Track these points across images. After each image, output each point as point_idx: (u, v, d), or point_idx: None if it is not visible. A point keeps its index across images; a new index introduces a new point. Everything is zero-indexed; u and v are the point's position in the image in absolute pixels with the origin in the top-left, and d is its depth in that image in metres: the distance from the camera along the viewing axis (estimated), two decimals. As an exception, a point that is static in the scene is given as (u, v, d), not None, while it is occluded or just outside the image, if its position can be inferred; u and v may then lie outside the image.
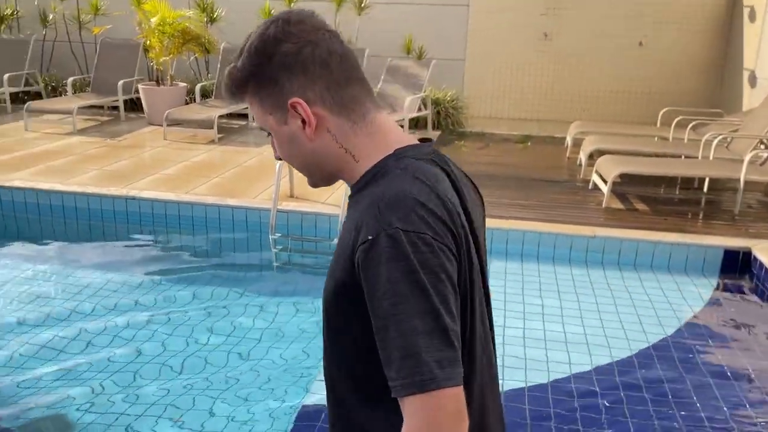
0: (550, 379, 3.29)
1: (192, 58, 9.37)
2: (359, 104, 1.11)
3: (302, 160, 1.16)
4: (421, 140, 1.18)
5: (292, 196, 5.51)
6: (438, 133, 8.64)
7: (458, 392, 0.95)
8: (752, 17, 8.39)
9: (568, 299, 4.22)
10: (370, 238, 0.99)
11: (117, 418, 2.92)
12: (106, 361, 3.37)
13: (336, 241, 3.24)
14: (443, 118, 8.83)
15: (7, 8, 9.93)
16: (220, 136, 7.80)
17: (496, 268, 4.55)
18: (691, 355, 3.58)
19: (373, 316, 1.00)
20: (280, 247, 5.09)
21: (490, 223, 1.54)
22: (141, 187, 5.67)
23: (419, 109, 8.47)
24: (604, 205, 5.53)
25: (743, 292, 4.48)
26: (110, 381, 3.19)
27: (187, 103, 8.80)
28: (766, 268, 4.38)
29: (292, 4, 9.20)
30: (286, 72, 1.07)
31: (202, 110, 8.08)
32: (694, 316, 4.05)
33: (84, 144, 7.36)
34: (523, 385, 3.23)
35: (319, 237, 5.13)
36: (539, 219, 5.17)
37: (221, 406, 3.05)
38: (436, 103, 8.81)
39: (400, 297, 0.96)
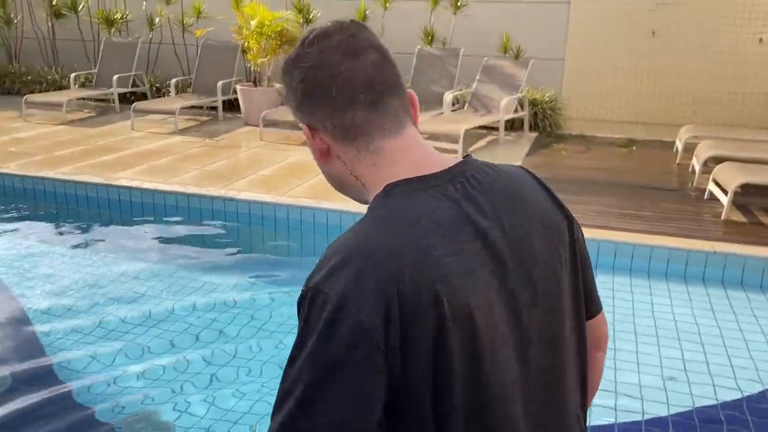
0: (670, 413, 3.00)
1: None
2: (361, 132, 1.02)
3: (329, 180, 1.12)
4: (462, 161, 1.05)
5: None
6: (535, 134, 8.31)
7: None
8: None
9: (684, 320, 3.88)
10: (304, 291, 0.94)
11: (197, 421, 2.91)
12: (184, 362, 3.39)
13: None
14: (540, 119, 8.49)
15: (117, 12, 10.43)
16: (314, 137, 7.82)
17: (601, 283, 4.25)
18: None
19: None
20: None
21: (593, 233, 1.34)
22: (239, 188, 5.74)
23: (515, 111, 8.18)
24: (723, 218, 5.08)
25: None
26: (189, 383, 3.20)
27: (282, 105, 8.90)
28: None
29: (388, 4, 9.14)
30: (298, 96, 1.05)
31: (297, 111, 8.13)
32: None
33: (185, 143, 7.58)
34: (639, 418, 2.96)
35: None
36: (649, 231, 4.81)
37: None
38: (533, 104, 8.48)
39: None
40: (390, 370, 0.88)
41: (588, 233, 1.39)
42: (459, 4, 8.94)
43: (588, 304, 1.15)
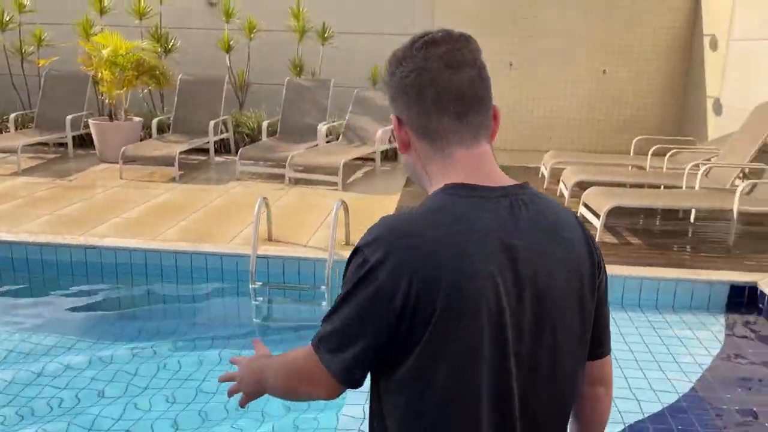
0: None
1: (145, 91, 8.87)
2: (441, 137, 1.15)
3: (404, 165, 1.27)
4: (519, 185, 1.17)
5: (270, 239, 5.11)
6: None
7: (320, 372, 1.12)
8: (714, 46, 8.52)
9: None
10: (358, 247, 1.12)
11: None
12: (65, 424, 2.90)
13: (323, 288, 3.60)
14: (413, 149, 8.56)
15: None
16: (181, 173, 7.31)
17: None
18: (723, 406, 3.34)
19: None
20: (261, 298, 4.65)
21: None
22: (101, 234, 5.15)
23: (390, 141, 8.20)
24: (597, 240, 5.33)
25: (754, 329, 4.31)
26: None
27: (142, 139, 8.28)
28: (775, 303, 4.24)
29: (252, 34, 8.87)
30: (395, 90, 1.18)
31: (161, 146, 7.58)
32: (717, 358, 3.84)
33: (31, 185, 6.76)
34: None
35: (303, 284, 4.74)
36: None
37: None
38: (405, 134, 8.55)
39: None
40: (392, 329, 1.06)
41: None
42: (326, 35, 8.86)
43: (598, 347, 1.27)
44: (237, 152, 7.54)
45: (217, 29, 9.19)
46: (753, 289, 4.46)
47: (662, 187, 6.45)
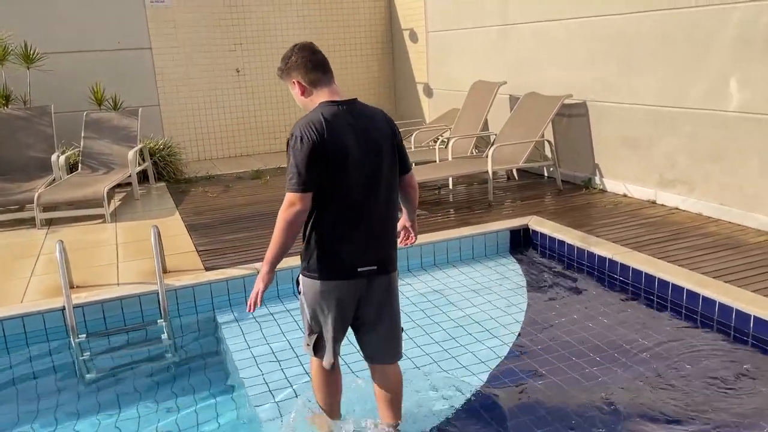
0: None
1: None
2: (319, 82, 2.55)
3: (301, 104, 2.61)
4: (350, 100, 2.55)
5: (72, 286, 4.47)
6: (163, 184, 7.92)
7: (294, 196, 2.41)
8: (414, 38, 9.78)
9: (416, 318, 4.39)
10: (291, 134, 2.44)
11: None
12: None
13: (159, 321, 4.22)
14: (162, 168, 8.12)
15: None
16: None
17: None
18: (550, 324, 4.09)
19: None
20: (88, 353, 4.05)
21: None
22: None
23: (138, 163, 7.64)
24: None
25: (533, 259, 5.26)
26: None
27: None
28: (545, 235, 5.26)
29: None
30: (292, 67, 2.56)
31: None
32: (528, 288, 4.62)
33: None
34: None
35: (131, 324, 4.29)
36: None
37: None
38: (151, 153, 8.05)
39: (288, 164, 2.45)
40: (318, 157, 2.39)
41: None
42: (32, 57, 7.79)
43: (404, 166, 2.67)
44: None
45: None
46: (526, 230, 5.45)
47: (413, 164, 7.28)
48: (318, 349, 2.66)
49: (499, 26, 7.68)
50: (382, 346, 2.72)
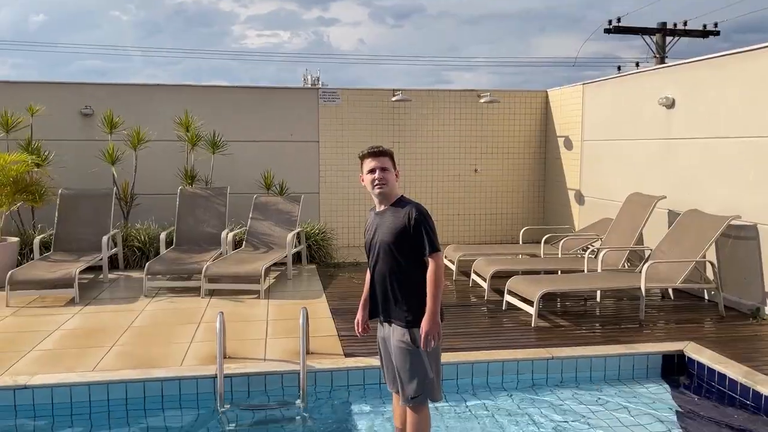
0: None
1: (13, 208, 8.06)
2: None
3: (392, 187, 3.31)
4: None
5: (225, 356, 4.80)
6: (314, 266, 8.38)
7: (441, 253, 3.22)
8: (568, 146, 9.78)
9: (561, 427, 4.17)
10: (418, 212, 3.19)
11: None
12: None
13: (299, 402, 4.42)
14: (315, 251, 8.63)
15: None
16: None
17: (476, 407, 4.35)
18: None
19: (427, 236, 3.18)
20: (233, 425, 4.28)
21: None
22: (24, 372, 4.52)
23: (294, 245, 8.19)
24: (533, 325, 5.72)
25: (687, 390, 4.83)
26: None
27: (20, 262, 7.44)
28: (702, 365, 4.84)
29: (141, 145, 8.56)
30: (390, 161, 3.39)
31: (52, 266, 6.88)
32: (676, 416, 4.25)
33: None
34: None
35: (276, 402, 4.48)
36: (485, 347, 5.14)
37: None
38: (306, 237, 8.61)
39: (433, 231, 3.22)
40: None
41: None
42: (217, 144, 8.81)
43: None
44: (126, 267, 7.09)
45: (95, 140, 8.76)
46: (681, 356, 5.06)
47: (559, 272, 7.13)
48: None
49: (661, 140, 7.49)
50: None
